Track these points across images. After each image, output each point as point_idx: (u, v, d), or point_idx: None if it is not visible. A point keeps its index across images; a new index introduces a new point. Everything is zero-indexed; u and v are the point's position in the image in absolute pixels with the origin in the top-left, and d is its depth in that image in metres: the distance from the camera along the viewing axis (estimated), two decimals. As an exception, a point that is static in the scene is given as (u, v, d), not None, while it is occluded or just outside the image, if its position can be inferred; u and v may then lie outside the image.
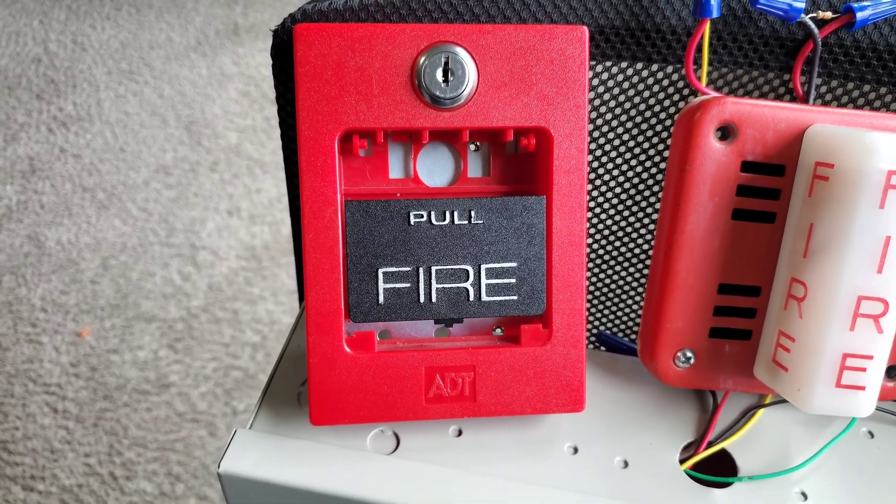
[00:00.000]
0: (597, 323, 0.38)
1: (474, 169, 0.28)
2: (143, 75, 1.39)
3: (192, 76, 1.40)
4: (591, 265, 0.36)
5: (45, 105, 1.31)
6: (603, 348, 0.36)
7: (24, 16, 1.54)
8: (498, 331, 0.29)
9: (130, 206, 1.11)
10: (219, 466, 0.26)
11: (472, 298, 0.27)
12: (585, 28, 0.26)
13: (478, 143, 0.28)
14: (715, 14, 0.26)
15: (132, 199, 1.12)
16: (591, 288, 0.37)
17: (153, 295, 0.98)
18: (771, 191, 0.26)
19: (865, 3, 0.26)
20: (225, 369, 0.89)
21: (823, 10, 0.27)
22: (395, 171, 0.28)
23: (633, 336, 0.38)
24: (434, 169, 0.28)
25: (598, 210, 0.34)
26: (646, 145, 0.32)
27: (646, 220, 0.34)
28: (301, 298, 0.27)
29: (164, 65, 1.42)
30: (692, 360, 0.28)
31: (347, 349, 0.26)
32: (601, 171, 0.33)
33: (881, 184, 0.23)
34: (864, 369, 0.24)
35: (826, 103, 0.29)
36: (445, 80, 0.25)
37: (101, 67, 1.41)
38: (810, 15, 0.27)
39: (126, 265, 1.02)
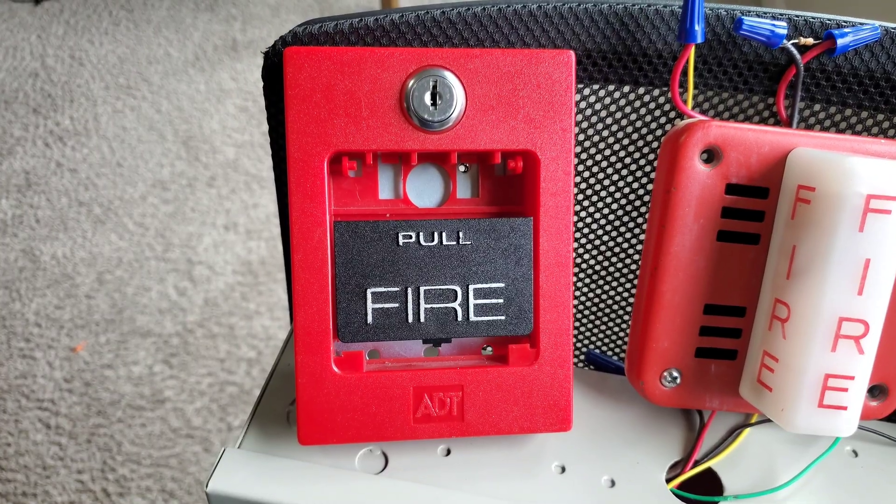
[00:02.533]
0: (586, 342, 0.39)
1: (463, 190, 0.29)
2: (140, 90, 1.40)
3: (190, 91, 1.40)
4: (580, 285, 0.36)
5: (42, 119, 1.32)
6: (592, 367, 0.36)
7: (22, 30, 1.55)
8: (488, 350, 0.29)
9: (127, 221, 1.11)
10: (207, 486, 0.26)
11: (460, 318, 0.27)
12: (572, 52, 0.27)
13: (467, 165, 0.28)
14: (699, 39, 0.27)
15: (129, 214, 1.12)
16: (581, 307, 0.37)
17: (149, 310, 0.98)
18: (755, 213, 0.27)
19: (846, 30, 0.27)
20: (220, 385, 0.89)
21: (805, 37, 0.27)
22: (384, 191, 0.28)
23: (622, 355, 0.39)
24: (424, 190, 0.29)
25: (586, 231, 0.34)
26: (633, 167, 0.32)
27: (634, 241, 0.34)
28: (292, 317, 0.27)
29: (162, 80, 1.43)
30: (678, 380, 0.28)
31: (336, 369, 0.27)
32: (589, 192, 0.33)
33: (860, 207, 0.23)
34: (845, 389, 0.24)
35: (809, 127, 0.30)
36: (434, 104, 0.26)
37: (98, 82, 1.41)
38: (792, 41, 0.27)
39: (122, 280, 1.02)
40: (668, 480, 0.28)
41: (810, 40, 0.27)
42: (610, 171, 0.32)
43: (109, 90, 1.40)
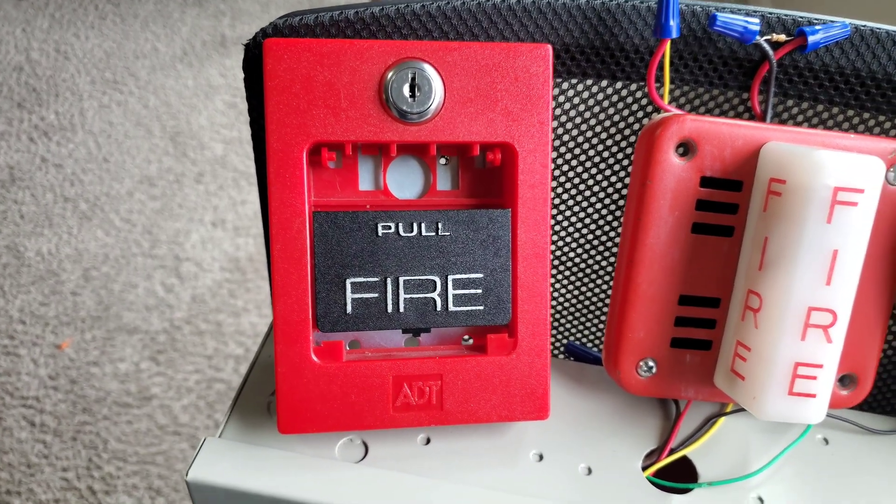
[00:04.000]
0: (567, 334, 0.39)
1: (443, 182, 0.29)
2: (127, 85, 1.39)
3: (178, 87, 1.40)
4: (560, 278, 0.37)
5: (27, 114, 1.31)
6: (571, 358, 0.36)
7: (7, 24, 1.54)
8: (470, 340, 0.29)
9: (113, 217, 1.11)
10: (187, 475, 0.26)
11: (439, 308, 0.28)
12: (549, 46, 0.27)
13: (447, 157, 0.29)
14: (675, 34, 0.27)
15: (115, 210, 1.12)
16: (561, 300, 0.38)
17: (135, 307, 0.97)
18: (729, 205, 0.27)
19: (816, 28, 0.27)
20: (207, 382, 0.89)
21: (777, 34, 0.28)
22: (364, 183, 0.29)
23: (601, 346, 0.39)
24: (404, 182, 0.29)
25: (565, 223, 0.35)
26: (611, 160, 0.33)
27: (612, 234, 0.35)
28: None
29: (149, 75, 1.42)
30: (654, 370, 0.29)
31: (315, 358, 0.27)
32: (568, 185, 0.33)
33: (828, 199, 0.23)
34: (814, 377, 0.25)
35: (782, 121, 0.30)
36: (412, 96, 0.26)
37: (84, 77, 1.41)
38: (765, 37, 0.28)
39: (108, 276, 1.01)
40: (645, 468, 0.29)
41: (783, 37, 0.28)
42: (588, 164, 0.33)
43: (95, 85, 1.39)
